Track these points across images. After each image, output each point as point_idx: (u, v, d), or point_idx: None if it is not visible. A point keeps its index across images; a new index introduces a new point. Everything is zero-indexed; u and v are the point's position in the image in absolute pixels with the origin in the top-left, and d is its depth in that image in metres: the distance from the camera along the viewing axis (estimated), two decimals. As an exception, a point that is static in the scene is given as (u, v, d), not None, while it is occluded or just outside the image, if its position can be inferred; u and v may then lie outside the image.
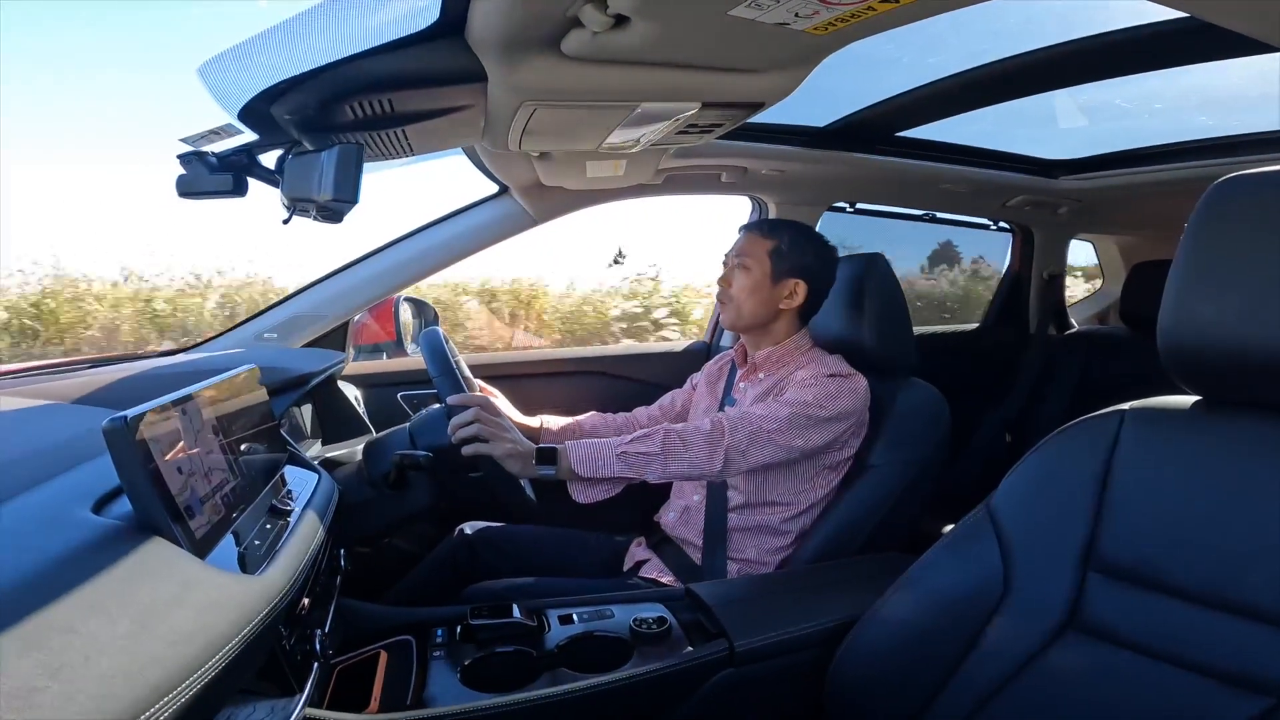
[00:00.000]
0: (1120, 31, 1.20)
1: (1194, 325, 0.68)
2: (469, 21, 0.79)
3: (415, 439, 1.16)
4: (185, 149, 1.01)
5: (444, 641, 0.97)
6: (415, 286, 1.77)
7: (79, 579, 0.49)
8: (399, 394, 1.69)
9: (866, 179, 1.91)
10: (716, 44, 0.84)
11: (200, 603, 0.54)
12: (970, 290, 4.60)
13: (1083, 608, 0.75)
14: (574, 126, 1.10)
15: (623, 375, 1.93)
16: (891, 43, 0.93)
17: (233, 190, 1.08)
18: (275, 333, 1.56)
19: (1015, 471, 0.83)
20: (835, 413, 1.18)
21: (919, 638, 0.85)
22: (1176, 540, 0.70)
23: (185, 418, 0.65)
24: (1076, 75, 1.44)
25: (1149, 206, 2.24)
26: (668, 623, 0.98)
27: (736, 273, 1.31)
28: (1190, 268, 0.69)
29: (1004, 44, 1.33)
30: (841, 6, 0.72)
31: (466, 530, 1.42)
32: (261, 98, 0.91)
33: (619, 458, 1.11)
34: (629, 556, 1.39)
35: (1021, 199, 2.14)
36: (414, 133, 1.05)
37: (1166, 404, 0.76)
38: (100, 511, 0.59)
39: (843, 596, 1.04)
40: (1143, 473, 0.74)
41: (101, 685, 0.42)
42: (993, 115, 1.63)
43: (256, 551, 0.67)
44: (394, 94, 0.90)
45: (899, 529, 1.28)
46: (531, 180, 1.53)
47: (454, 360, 1.18)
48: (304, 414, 1.43)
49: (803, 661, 0.97)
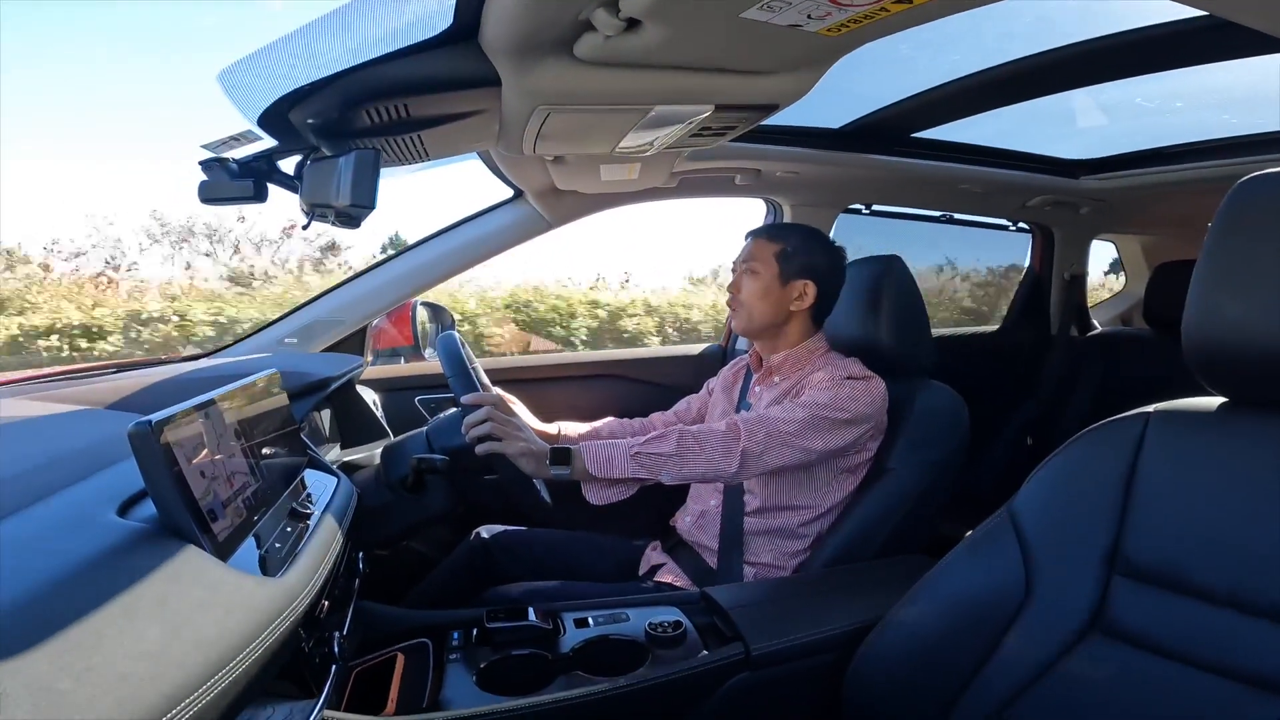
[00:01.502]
0: (1139, 30, 1.19)
1: (1219, 325, 0.67)
2: (482, 26, 0.79)
3: (432, 443, 1.17)
4: (207, 155, 1.02)
5: (460, 644, 0.97)
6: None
7: (103, 581, 0.50)
8: (416, 398, 1.71)
9: (882, 180, 1.90)
10: (729, 46, 0.84)
11: (222, 605, 0.54)
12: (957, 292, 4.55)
13: (1107, 611, 0.74)
14: (588, 130, 1.10)
15: (638, 379, 1.93)
16: (906, 43, 0.93)
17: (253, 196, 1.09)
18: (296, 337, 1.58)
19: (1038, 474, 0.83)
20: (853, 415, 1.17)
21: (938, 642, 0.84)
22: (1203, 542, 0.69)
23: (208, 422, 0.66)
24: (1095, 74, 1.43)
25: (1172, 206, 2.21)
26: (683, 626, 0.98)
27: (745, 278, 1.31)
28: (1214, 267, 0.69)
29: (1021, 43, 1.32)
30: (854, 8, 0.72)
31: (483, 534, 1.43)
32: (280, 103, 0.92)
33: (633, 458, 1.11)
34: (644, 560, 1.38)
35: (1042, 199, 2.12)
36: (430, 137, 1.06)
37: (1192, 406, 0.75)
38: (125, 514, 0.61)
39: (860, 600, 1.04)
40: (1168, 475, 0.73)
41: (124, 687, 0.43)
42: (1010, 115, 1.61)
43: (277, 554, 0.68)
44: (409, 99, 0.91)
45: (917, 532, 1.26)
46: (546, 184, 1.53)
47: (470, 364, 1.19)
48: (323, 418, 1.44)
49: (820, 665, 0.96)
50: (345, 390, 1.50)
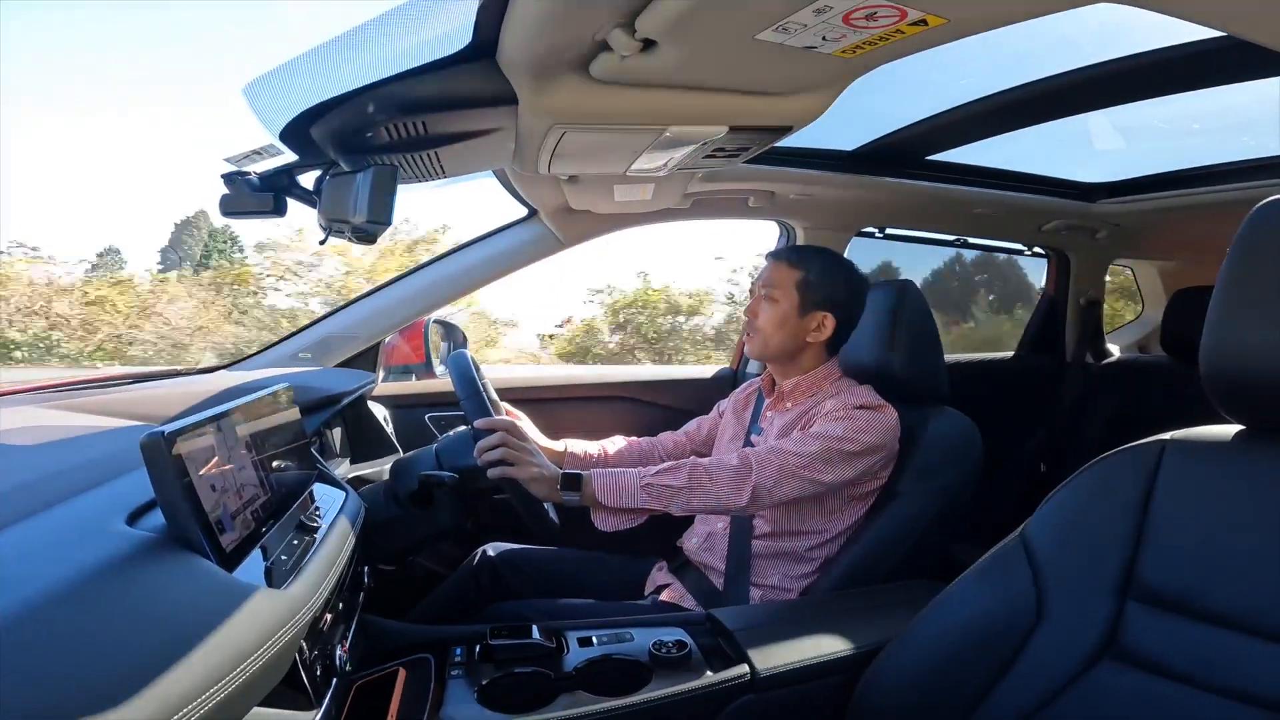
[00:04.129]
0: (1156, 52, 1.18)
1: (1237, 352, 0.67)
2: (500, 45, 0.81)
3: (441, 459, 1.17)
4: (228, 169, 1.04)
5: (463, 660, 0.96)
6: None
7: (111, 589, 0.50)
8: (427, 415, 1.71)
9: (896, 203, 1.89)
10: (744, 68, 0.84)
11: (225, 615, 0.54)
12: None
13: (1120, 636, 0.73)
14: (602, 149, 1.11)
15: (648, 400, 1.92)
16: (921, 65, 0.93)
17: (273, 210, 1.11)
18: (310, 352, 1.60)
19: (1052, 499, 0.82)
20: (864, 446, 1.16)
21: (946, 665, 0.82)
22: (1220, 568, 0.68)
23: (220, 434, 0.67)
24: (1112, 96, 1.42)
25: (1190, 230, 2.19)
26: (687, 647, 0.96)
27: (763, 304, 1.29)
28: (1234, 293, 0.68)
29: (1037, 64, 1.32)
30: (869, 30, 0.73)
31: (489, 551, 1.42)
32: (301, 118, 0.94)
33: (644, 488, 1.11)
34: (650, 580, 1.37)
35: (1058, 223, 2.11)
36: (446, 155, 1.08)
37: (1209, 434, 0.75)
38: (134, 524, 0.61)
39: (868, 623, 1.02)
40: (1185, 502, 0.72)
41: (128, 693, 0.43)
42: (1026, 137, 1.61)
43: (283, 566, 0.68)
44: (427, 116, 0.93)
45: (927, 557, 1.25)
46: (560, 204, 1.55)
47: (481, 383, 1.19)
48: (334, 433, 1.45)
49: (826, 689, 0.95)
50: (357, 405, 1.51)
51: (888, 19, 0.70)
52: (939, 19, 0.71)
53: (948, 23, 0.72)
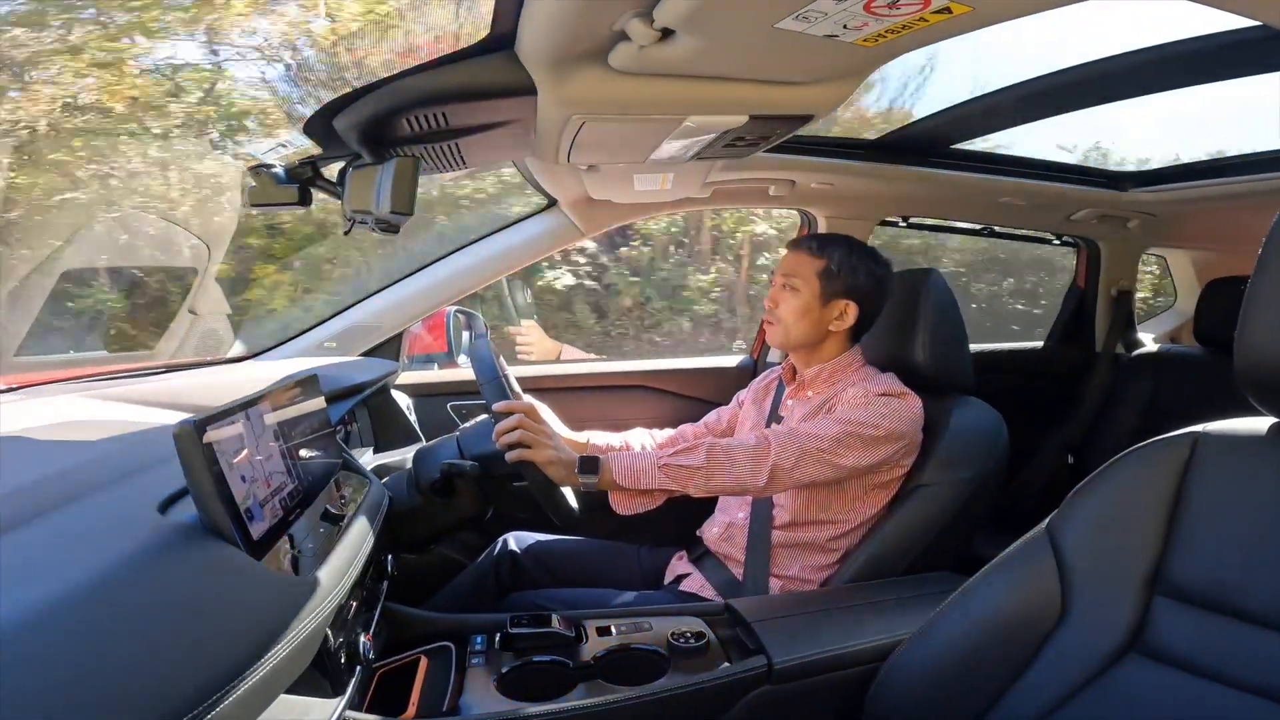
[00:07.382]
0: (1191, 41, 1.15)
1: (1272, 343, 0.65)
2: (519, 36, 0.81)
3: (463, 448, 1.18)
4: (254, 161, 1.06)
5: (483, 649, 0.98)
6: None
7: (144, 577, 0.51)
8: (449, 404, 1.73)
9: (921, 193, 1.86)
10: (763, 56, 0.83)
11: (254, 603, 0.56)
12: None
13: (1147, 631, 0.72)
14: (622, 139, 1.11)
15: (669, 390, 1.92)
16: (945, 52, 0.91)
17: (298, 201, 1.13)
18: (336, 341, 1.62)
19: (1079, 492, 0.80)
20: (886, 433, 1.15)
21: (967, 660, 0.82)
22: (1250, 564, 0.67)
23: (249, 423, 0.68)
24: (1145, 85, 1.38)
25: (1224, 219, 2.12)
26: (706, 637, 0.97)
27: (784, 294, 1.28)
28: (1269, 283, 0.66)
29: (1067, 53, 1.28)
30: (892, 18, 0.71)
31: (510, 540, 1.43)
32: (325, 110, 0.95)
33: (661, 469, 1.11)
34: (670, 570, 1.38)
35: (1088, 212, 2.06)
36: (467, 146, 1.08)
37: (1242, 426, 0.73)
38: (166, 512, 0.62)
39: (887, 616, 1.02)
40: (1217, 496, 0.71)
41: (159, 680, 0.44)
42: (1056, 124, 1.57)
43: (310, 554, 0.70)
44: (448, 107, 0.93)
45: (950, 549, 1.23)
46: (580, 194, 1.55)
47: (501, 372, 1.20)
48: (358, 421, 1.47)
49: (843, 681, 0.95)
50: (380, 394, 1.53)
51: (910, 7, 0.69)
52: (963, 6, 0.69)
53: (972, 10, 0.70)
